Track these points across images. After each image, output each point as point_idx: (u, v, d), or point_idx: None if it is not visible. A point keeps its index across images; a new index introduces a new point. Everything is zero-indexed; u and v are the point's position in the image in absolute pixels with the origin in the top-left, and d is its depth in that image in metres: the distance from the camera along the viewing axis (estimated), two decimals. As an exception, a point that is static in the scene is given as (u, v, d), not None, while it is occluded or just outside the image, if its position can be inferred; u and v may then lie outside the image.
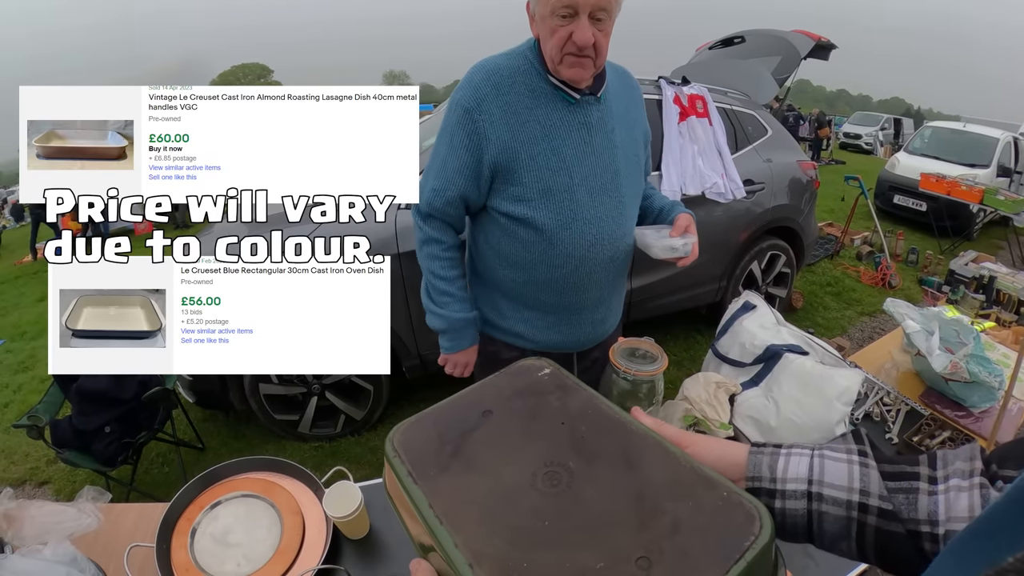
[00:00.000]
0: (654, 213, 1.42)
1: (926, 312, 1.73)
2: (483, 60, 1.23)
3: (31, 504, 1.06)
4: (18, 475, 2.93)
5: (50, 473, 2.91)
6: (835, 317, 4.47)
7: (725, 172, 3.37)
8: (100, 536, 1.08)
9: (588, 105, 1.21)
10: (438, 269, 1.32)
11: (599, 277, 1.29)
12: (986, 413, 1.60)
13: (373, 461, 2.75)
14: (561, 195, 1.19)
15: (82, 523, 1.03)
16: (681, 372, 3.45)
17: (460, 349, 1.37)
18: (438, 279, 1.33)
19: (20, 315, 6.02)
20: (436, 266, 1.32)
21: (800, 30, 4.22)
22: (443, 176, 1.24)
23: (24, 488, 2.85)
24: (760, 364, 1.36)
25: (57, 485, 2.83)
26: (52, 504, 1.09)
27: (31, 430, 2.19)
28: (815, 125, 14.73)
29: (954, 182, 6.61)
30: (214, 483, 1.18)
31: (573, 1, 1.05)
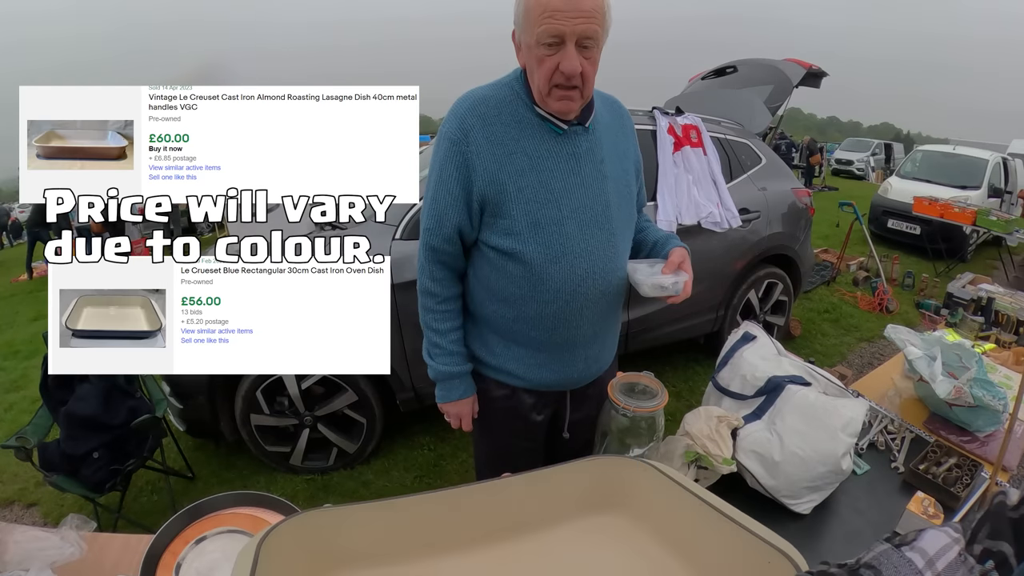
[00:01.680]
0: (648, 246, 1.39)
1: (927, 337, 1.71)
2: (469, 91, 1.21)
3: (15, 528, 1.06)
4: (6, 495, 2.88)
5: (38, 495, 2.85)
6: (834, 344, 4.45)
7: (720, 201, 3.38)
8: (83, 566, 1.07)
9: (576, 135, 1.18)
10: (431, 321, 1.31)
11: (591, 312, 1.25)
12: (991, 437, 1.58)
13: (366, 495, 2.69)
14: (550, 228, 1.16)
15: (65, 552, 1.03)
16: (680, 403, 3.41)
17: (450, 400, 1.35)
18: (430, 331, 1.32)
19: (14, 334, 5.98)
20: (430, 318, 1.31)
21: (791, 59, 4.28)
22: (435, 212, 1.21)
23: (12, 508, 2.80)
24: (762, 396, 1.33)
25: (45, 508, 2.77)
26: (36, 530, 1.09)
27: (19, 451, 2.16)
28: (806, 153, 14.93)
29: (947, 204, 6.67)
30: (201, 517, 1.14)
31: (559, 30, 1.03)
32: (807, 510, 1.25)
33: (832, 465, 1.22)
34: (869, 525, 1.24)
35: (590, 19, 1.04)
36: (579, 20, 1.03)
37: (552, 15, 1.02)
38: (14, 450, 2.16)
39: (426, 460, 2.95)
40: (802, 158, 14.84)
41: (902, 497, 1.30)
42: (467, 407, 1.37)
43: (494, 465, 1.38)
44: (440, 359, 1.32)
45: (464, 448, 2.99)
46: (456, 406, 1.36)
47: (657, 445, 1.26)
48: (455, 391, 1.34)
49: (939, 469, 1.37)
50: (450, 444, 3.07)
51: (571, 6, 1.02)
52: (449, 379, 1.33)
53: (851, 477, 1.35)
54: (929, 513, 1.19)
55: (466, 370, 1.34)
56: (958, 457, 1.41)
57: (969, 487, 1.33)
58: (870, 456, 1.48)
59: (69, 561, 1.02)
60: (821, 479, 1.23)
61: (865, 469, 1.42)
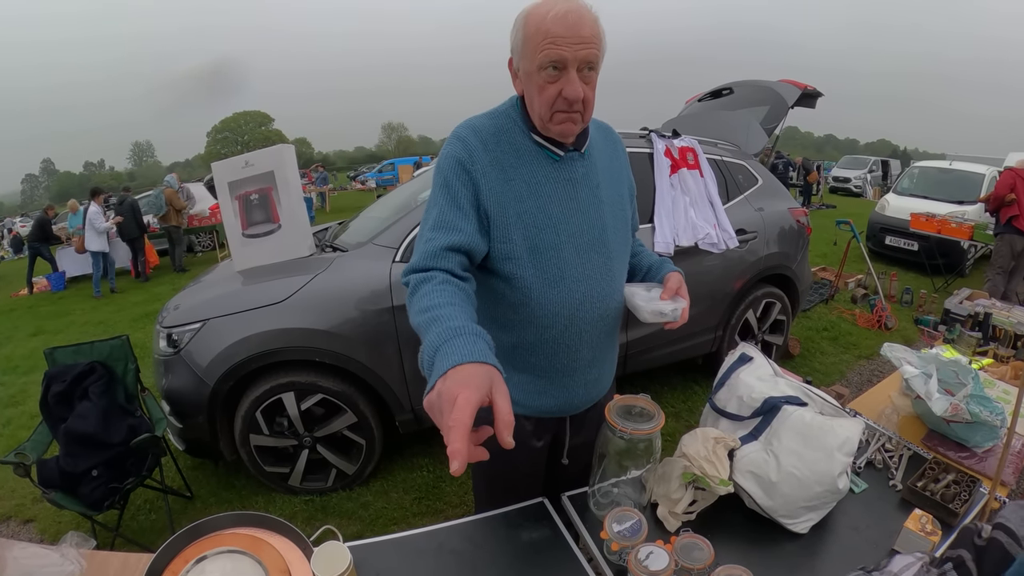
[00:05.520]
0: (642, 271, 1.40)
1: (923, 355, 1.72)
2: (467, 120, 1.22)
3: (15, 545, 1.07)
4: (3, 511, 2.88)
5: (35, 511, 2.85)
6: (833, 362, 4.45)
7: (717, 222, 3.41)
8: None
9: (572, 161, 1.20)
10: (424, 303, 0.97)
11: (589, 337, 1.25)
12: (989, 452, 1.58)
13: (364, 517, 2.68)
14: (548, 253, 1.17)
15: (64, 570, 1.03)
16: (679, 424, 3.41)
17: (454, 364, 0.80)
18: (422, 312, 0.96)
19: (13, 348, 5.98)
20: (423, 302, 0.98)
21: (787, 79, 4.34)
22: (441, 227, 1.10)
23: (8, 524, 2.80)
24: (759, 417, 1.33)
25: (42, 524, 2.77)
26: (36, 547, 1.08)
27: (17, 467, 2.17)
28: (802, 172, 15.10)
29: (944, 220, 6.72)
30: (200, 536, 1.14)
31: (561, 56, 1.04)
32: (805, 530, 1.25)
33: (829, 485, 1.22)
34: (867, 543, 1.24)
35: (590, 45, 1.06)
36: (580, 46, 1.05)
37: (553, 41, 1.04)
38: (12, 466, 2.16)
39: (425, 482, 2.94)
40: (799, 177, 14.99)
41: (900, 514, 1.29)
42: (477, 378, 0.80)
43: (493, 491, 1.38)
44: (436, 327, 0.89)
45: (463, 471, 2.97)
46: (459, 373, 0.80)
47: (655, 467, 1.27)
48: (453, 352, 0.83)
49: (937, 486, 1.37)
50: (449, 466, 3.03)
51: (572, 32, 1.04)
52: (453, 336, 0.86)
53: (849, 496, 1.35)
54: (927, 530, 1.18)
55: (480, 332, 0.89)
56: (956, 473, 1.41)
57: (967, 503, 1.33)
58: (868, 474, 1.48)
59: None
60: (818, 499, 1.24)
61: (863, 487, 1.42)
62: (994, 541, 0.67)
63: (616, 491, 1.30)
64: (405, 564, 1.17)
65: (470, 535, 1.26)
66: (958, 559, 0.66)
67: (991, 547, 0.66)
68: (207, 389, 2.53)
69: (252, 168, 3.12)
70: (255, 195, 3.12)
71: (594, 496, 1.32)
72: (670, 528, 1.25)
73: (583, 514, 1.32)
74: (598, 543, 1.20)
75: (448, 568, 1.16)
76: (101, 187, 9.14)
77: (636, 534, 1.13)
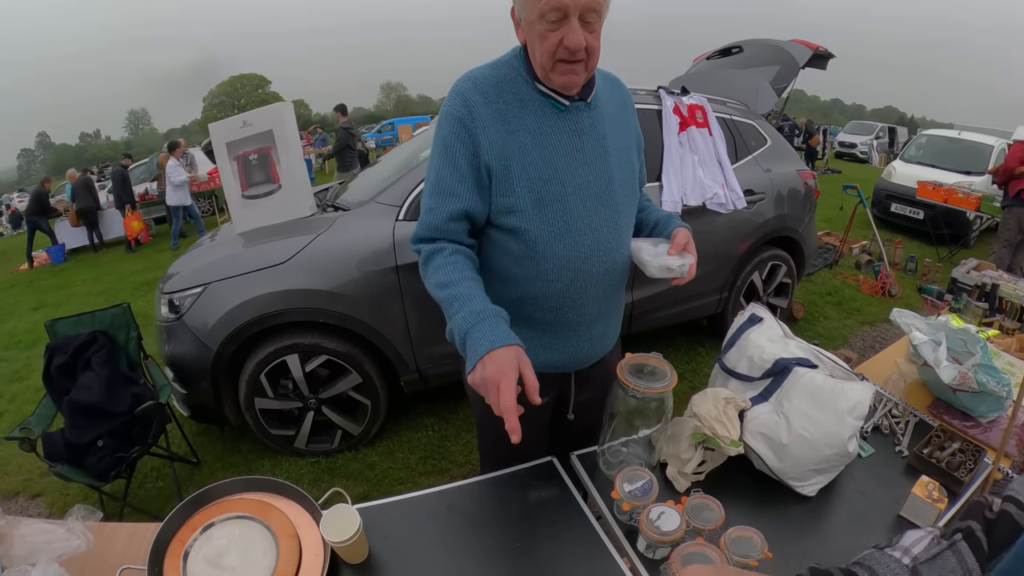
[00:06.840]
0: (650, 226, 1.37)
1: (933, 322, 1.70)
2: (468, 71, 1.18)
3: (21, 522, 1.05)
4: (11, 487, 2.90)
5: (43, 485, 2.87)
6: (836, 327, 4.45)
7: (726, 182, 3.36)
8: (90, 557, 1.06)
9: (578, 111, 1.16)
10: (442, 278, 1.11)
11: (595, 291, 1.23)
12: (994, 423, 1.57)
13: (371, 477, 2.71)
14: (553, 205, 1.14)
15: (71, 544, 1.02)
16: (684, 385, 3.42)
17: (487, 350, 0.97)
18: (441, 289, 1.10)
19: (15, 324, 5.97)
20: (440, 276, 1.11)
21: (798, 39, 4.22)
22: (440, 191, 1.15)
23: (17, 500, 2.82)
24: (769, 378, 1.32)
25: (50, 498, 2.79)
26: (42, 522, 1.07)
27: (23, 443, 2.16)
28: (805, 135, 14.84)
29: (951, 190, 6.63)
30: (207, 503, 1.14)
31: (562, 4, 1.01)
32: (813, 492, 1.26)
33: (839, 448, 1.21)
34: (874, 508, 1.25)
35: None
36: None
37: None
38: (18, 441, 2.16)
39: (430, 441, 2.97)
40: (802, 141, 14.75)
41: (907, 480, 1.30)
42: (512, 360, 0.97)
43: (499, 447, 1.38)
44: (461, 310, 1.05)
45: (468, 429, 3.01)
46: (495, 360, 0.97)
47: (665, 426, 1.26)
48: (487, 335, 1.00)
49: (943, 453, 1.37)
50: (454, 425, 3.08)
51: None
52: (479, 321, 1.02)
53: (856, 460, 1.35)
54: (934, 497, 1.19)
55: (498, 311, 1.06)
56: (961, 442, 1.41)
57: (972, 472, 1.33)
58: (874, 439, 1.48)
59: (76, 553, 1.00)
60: (827, 461, 1.23)
61: (870, 452, 1.42)
62: (1004, 513, 0.69)
63: (626, 450, 1.30)
64: (414, 525, 1.17)
65: (479, 495, 1.26)
66: (967, 529, 0.69)
67: (1001, 519, 0.69)
68: (210, 354, 2.52)
69: (250, 128, 3.05)
70: (254, 155, 3.05)
71: (603, 455, 1.32)
72: (679, 488, 1.25)
73: (592, 473, 1.32)
74: (608, 502, 1.20)
75: (458, 528, 1.17)
76: (177, 140, 9.20)
77: (647, 494, 1.13)
